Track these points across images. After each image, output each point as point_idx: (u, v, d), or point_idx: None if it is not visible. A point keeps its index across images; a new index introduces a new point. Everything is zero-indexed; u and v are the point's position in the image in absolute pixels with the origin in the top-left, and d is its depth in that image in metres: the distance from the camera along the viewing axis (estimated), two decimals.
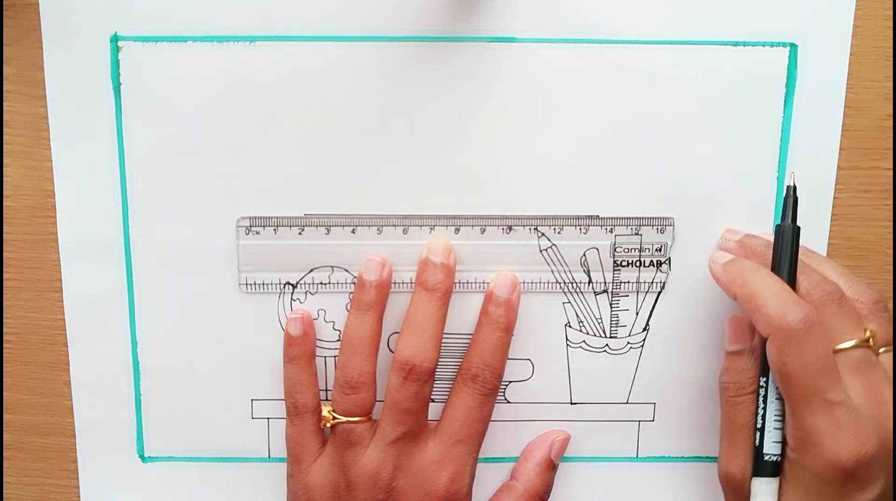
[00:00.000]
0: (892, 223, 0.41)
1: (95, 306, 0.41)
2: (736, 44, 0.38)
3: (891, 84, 0.39)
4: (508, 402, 0.42)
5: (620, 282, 0.40)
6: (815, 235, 0.40)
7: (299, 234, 0.40)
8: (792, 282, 0.35)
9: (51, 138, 0.39)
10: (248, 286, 0.40)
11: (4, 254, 0.41)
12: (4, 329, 0.41)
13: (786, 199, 0.36)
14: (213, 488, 0.42)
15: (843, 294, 0.35)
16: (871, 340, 0.34)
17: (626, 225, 0.40)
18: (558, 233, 0.40)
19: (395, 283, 0.40)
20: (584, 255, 0.40)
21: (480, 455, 0.41)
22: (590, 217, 0.40)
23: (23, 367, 0.42)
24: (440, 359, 0.38)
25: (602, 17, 0.38)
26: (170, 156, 0.39)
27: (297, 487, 0.40)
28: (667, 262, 0.40)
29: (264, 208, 0.39)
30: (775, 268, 0.36)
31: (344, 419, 0.38)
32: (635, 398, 0.42)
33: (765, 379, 0.36)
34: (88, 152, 0.39)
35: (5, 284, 0.41)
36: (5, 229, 0.40)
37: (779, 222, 0.37)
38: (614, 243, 0.40)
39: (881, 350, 0.35)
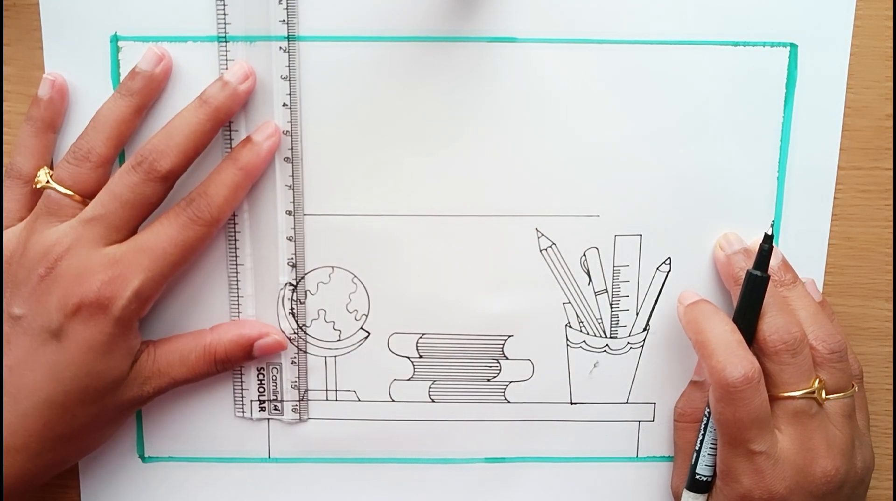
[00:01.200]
0: (892, 223, 0.41)
1: None
2: (736, 44, 0.38)
3: (891, 84, 0.39)
4: (508, 402, 0.42)
5: (620, 282, 0.40)
6: (815, 235, 0.40)
7: (298, 234, 0.40)
8: (752, 330, 0.36)
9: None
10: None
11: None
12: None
13: (761, 247, 0.36)
14: (213, 488, 0.42)
15: (801, 343, 0.36)
16: (816, 390, 0.36)
17: (626, 225, 0.40)
18: (558, 233, 0.40)
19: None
20: (585, 255, 0.40)
21: (483, 455, 0.42)
22: (590, 217, 0.40)
23: None
24: (434, 361, 0.38)
25: (602, 17, 0.38)
26: None
27: None
28: (667, 262, 0.40)
29: (263, 208, 0.39)
30: (738, 314, 0.37)
31: (56, 186, 0.37)
32: (635, 398, 0.42)
33: (708, 411, 0.38)
34: None
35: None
36: None
37: (751, 268, 0.37)
38: (615, 243, 0.40)
39: (831, 396, 0.37)
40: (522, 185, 0.39)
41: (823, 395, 0.36)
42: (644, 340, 0.41)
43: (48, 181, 0.37)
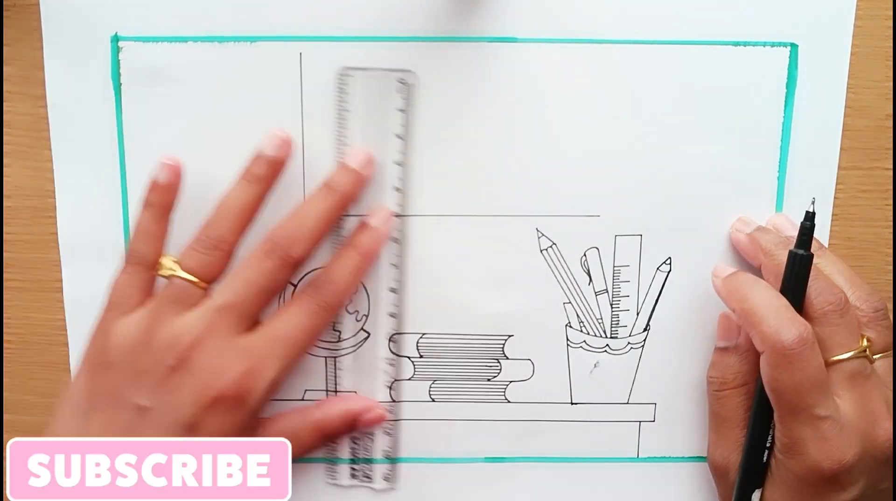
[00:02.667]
0: (892, 223, 0.41)
1: (96, 307, 0.40)
2: (737, 44, 0.38)
3: (891, 84, 0.39)
4: (509, 402, 0.42)
5: (621, 282, 0.40)
6: (815, 235, 0.40)
7: None
8: (799, 309, 0.36)
9: (51, 139, 0.39)
10: None
11: (5, 254, 0.41)
12: (5, 329, 0.41)
13: (802, 224, 0.36)
14: None
15: (846, 303, 0.36)
16: (867, 349, 0.35)
17: (626, 225, 0.40)
18: (559, 233, 0.40)
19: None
20: (585, 255, 0.40)
21: (483, 455, 0.42)
22: (590, 217, 0.40)
23: (24, 367, 0.42)
24: (434, 360, 0.38)
25: (602, 17, 0.38)
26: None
27: (99, 333, 0.37)
28: (667, 262, 0.40)
29: (263, 208, 0.39)
30: (784, 293, 0.36)
31: (183, 273, 0.36)
32: (636, 399, 0.42)
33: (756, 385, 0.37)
34: (89, 153, 0.39)
35: (6, 284, 0.41)
36: (6, 229, 0.40)
37: (794, 247, 0.36)
38: (615, 243, 0.40)
39: (876, 357, 0.36)
40: (523, 185, 0.39)
41: (872, 355, 0.36)
42: (645, 340, 0.41)
43: (174, 270, 0.37)
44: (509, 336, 0.41)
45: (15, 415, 0.42)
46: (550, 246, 0.40)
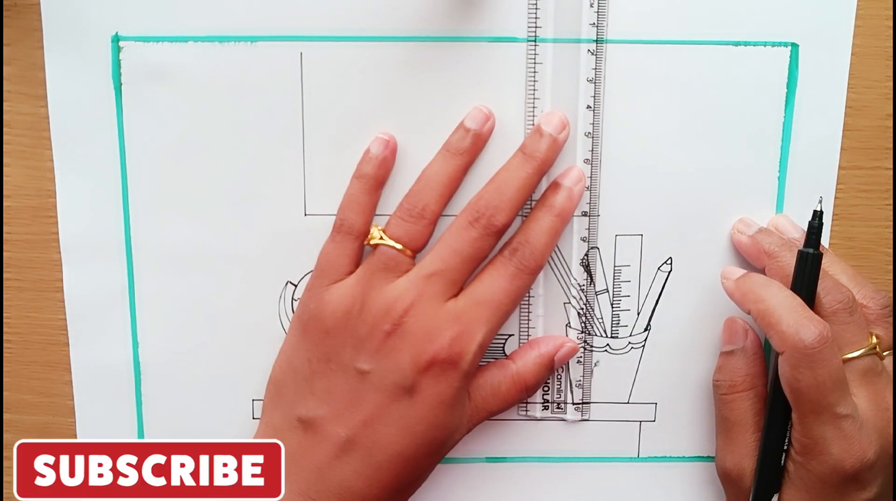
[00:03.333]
0: (892, 223, 0.41)
1: (96, 307, 0.41)
2: (737, 44, 0.38)
3: (891, 84, 0.39)
4: None
5: (622, 282, 0.40)
6: None
7: (299, 232, 0.40)
8: (811, 305, 0.36)
9: (52, 138, 0.39)
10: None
11: (6, 254, 0.41)
12: (6, 329, 0.41)
13: (810, 224, 0.36)
14: None
15: (854, 301, 0.36)
16: (876, 346, 0.36)
17: (627, 225, 0.40)
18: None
19: None
20: (586, 254, 0.40)
21: (482, 455, 0.42)
22: (591, 217, 0.40)
23: (24, 367, 0.42)
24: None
25: (603, 17, 0.38)
26: (171, 156, 0.39)
27: (311, 300, 0.38)
28: (668, 262, 0.40)
29: (265, 208, 0.39)
30: (795, 291, 0.36)
31: (390, 242, 0.37)
32: (636, 398, 0.41)
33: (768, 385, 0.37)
34: (89, 152, 0.39)
35: (7, 284, 0.41)
36: (6, 229, 0.40)
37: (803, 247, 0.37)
38: (615, 243, 0.40)
39: (885, 354, 0.36)
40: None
41: (882, 352, 0.36)
42: (645, 340, 0.41)
43: (382, 238, 0.37)
44: (510, 336, 0.41)
45: (15, 415, 0.42)
46: None
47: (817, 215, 0.36)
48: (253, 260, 0.40)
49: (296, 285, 0.40)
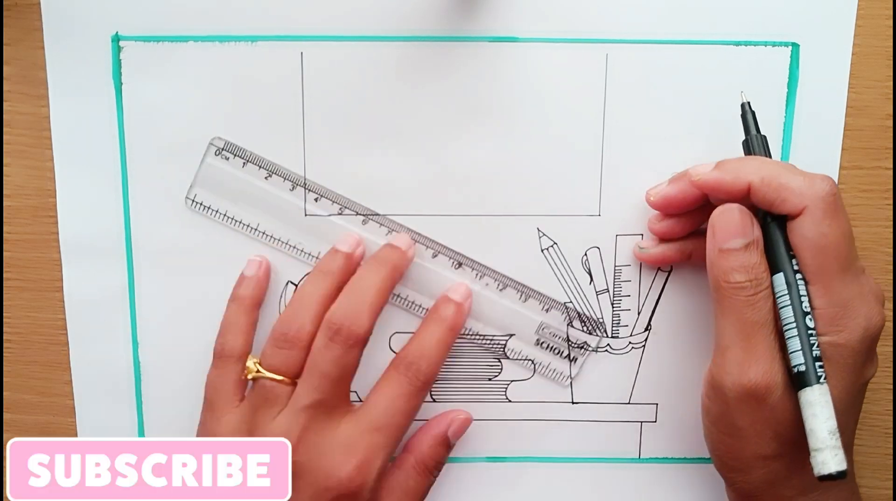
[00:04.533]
0: (892, 223, 0.40)
1: (97, 307, 0.41)
2: (738, 43, 0.38)
3: (892, 84, 0.39)
4: (510, 401, 0.42)
5: (622, 282, 0.40)
6: None
7: (300, 230, 0.40)
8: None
9: (52, 138, 0.39)
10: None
11: (6, 254, 0.41)
12: (6, 329, 0.41)
13: (744, 115, 0.36)
14: None
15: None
16: None
17: (627, 224, 0.40)
18: (560, 232, 0.40)
19: (394, 295, 0.40)
20: (586, 254, 0.40)
21: (484, 455, 0.42)
22: (591, 217, 0.40)
23: (24, 367, 0.42)
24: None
25: (603, 16, 0.38)
26: (171, 155, 0.39)
27: (203, 436, 0.38)
28: None
29: (266, 208, 0.39)
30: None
31: (268, 374, 0.37)
32: (637, 399, 0.41)
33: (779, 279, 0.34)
34: (90, 152, 0.39)
35: (7, 283, 0.41)
36: (7, 228, 0.40)
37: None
38: (616, 243, 0.40)
39: None
40: (523, 184, 0.39)
41: None
42: (646, 340, 0.41)
43: (258, 371, 0.37)
44: (511, 336, 0.41)
45: (15, 415, 0.42)
46: (551, 246, 0.40)
47: (747, 105, 0.37)
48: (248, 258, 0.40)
49: (296, 286, 0.40)
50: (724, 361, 0.34)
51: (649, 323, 0.41)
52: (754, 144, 0.36)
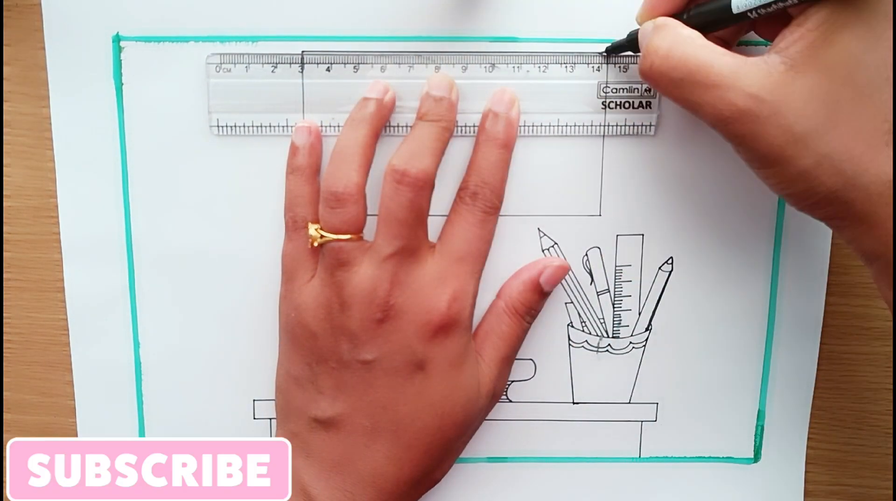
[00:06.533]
0: (892, 223, 0.40)
1: (98, 307, 0.41)
2: (738, 43, 0.38)
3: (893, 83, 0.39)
4: (511, 401, 0.42)
5: (623, 282, 0.40)
6: (818, 234, 0.40)
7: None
8: None
9: (53, 139, 0.39)
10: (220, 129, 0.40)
11: (7, 254, 0.41)
12: (7, 329, 0.41)
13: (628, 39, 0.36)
14: None
15: None
16: None
17: (628, 224, 0.40)
18: (560, 232, 0.40)
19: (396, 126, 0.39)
20: (587, 254, 0.40)
21: (484, 455, 0.42)
22: (591, 217, 0.40)
23: (25, 367, 0.42)
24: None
25: (603, 16, 0.38)
26: (172, 155, 0.39)
27: (289, 308, 0.38)
28: (669, 262, 0.40)
29: (266, 208, 0.39)
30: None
31: (332, 236, 0.36)
32: (638, 399, 0.41)
33: None
34: (91, 152, 0.39)
35: (8, 284, 0.41)
36: (8, 229, 0.40)
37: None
38: (616, 243, 0.40)
39: None
40: (524, 185, 0.39)
41: None
42: (646, 340, 0.41)
43: (322, 236, 0.36)
44: None
45: (15, 415, 0.42)
46: (552, 246, 0.40)
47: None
48: (254, 260, 0.40)
49: None
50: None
51: (650, 323, 0.41)
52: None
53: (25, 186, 0.40)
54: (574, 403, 0.42)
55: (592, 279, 0.40)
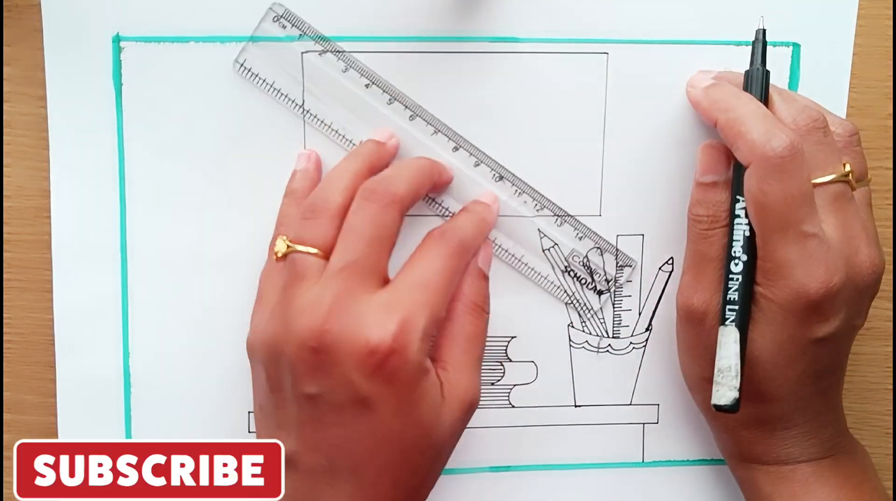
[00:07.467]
0: (892, 223, 0.41)
1: (87, 315, 0.40)
2: (738, 43, 0.38)
3: (892, 83, 0.39)
4: (513, 406, 0.41)
5: (623, 282, 0.40)
6: None
7: None
8: None
9: (49, 139, 0.39)
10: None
11: (6, 254, 0.40)
12: (7, 329, 0.41)
13: (754, 44, 0.36)
14: None
15: (825, 122, 0.34)
16: (849, 174, 0.34)
17: (628, 225, 0.40)
18: (561, 233, 0.40)
19: (430, 200, 0.39)
20: (587, 255, 0.40)
21: (486, 464, 0.41)
22: (592, 217, 0.40)
23: (25, 367, 0.41)
24: None
25: (604, 16, 0.38)
26: (170, 157, 0.39)
27: (251, 329, 0.36)
28: (669, 262, 0.40)
29: (267, 209, 0.39)
30: None
31: (297, 247, 0.34)
32: (639, 400, 0.41)
33: (738, 210, 0.35)
34: (88, 154, 0.39)
35: (8, 284, 0.41)
36: (7, 229, 0.40)
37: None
38: (617, 243, 0.40)
39: (857, 184, 0.35)
40: (524, 184, 0.39)
41: (854, 182, 0.34)
42: (647, 340, 0.41)
43: (289, 247, 0.34)
44: (512, 338, 0.41)
45: (15, 415, 0.42)
46: (552, 246, 0.40)
47: (762, 33, 0.36)
48: (251, 266, 0.39)
49: None
50: (681, 282, 0.37)
51: (650, 323, 0.41)
52: (751, 79, 0.36)
53: (25, 186, 0.40)
54: (576, 406, 0.41)
55: (592, 279, 0.40)
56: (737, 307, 0.34)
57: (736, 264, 0.34)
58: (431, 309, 0.34)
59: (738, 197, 0.34)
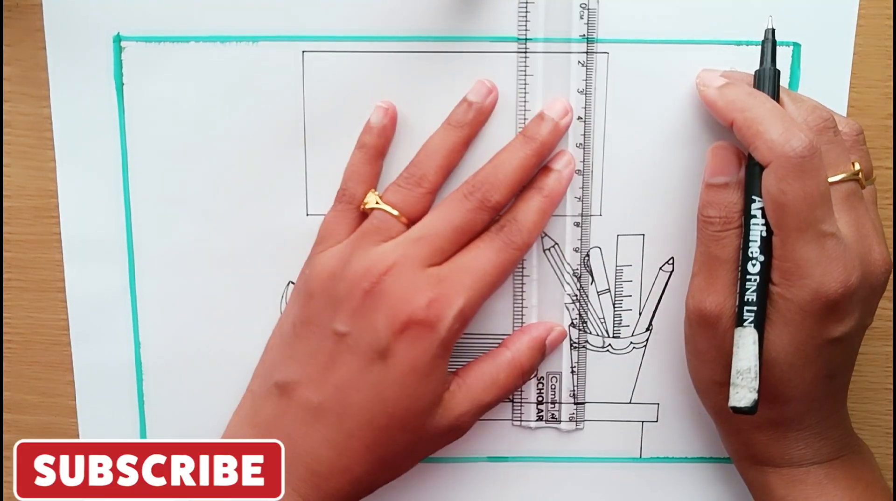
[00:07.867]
0: (892, 223, 0.40)
1: (99, 307, 0.41)
2: (738, 43, 0.38)
3: (892, 83, 0.39)
4: (512, 401, 0.41)
5: (623, 282, 0.40)
6: None
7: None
8: None
9: (54, 139, 0.39)
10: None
11: (7, 254, 0.41)
12: (7, 329, 0.41)
13: (765, 43, 0.36)
14: None
15: (836, 123, 0.35)
16: (859, 172, 0.35)
17: (628, 224, 0.40)
18: (561, 233, 0.40)
19: None
20: (587, 254, 0.40)
21: (484, 454, 0.42)
22: (592, 216, 0.40)
23: (26, 367, 0.42)
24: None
25: (603, 16, 0.38)
26: (172, 156, 0.39)
27: (305, 267, 0.39)
28: (670, 262, 0.40)
29: (266, 208, 0.39)
30: None
31: (384, 206, 0.37)
32: (638, 399, 0.41)
33: (755, 211, 0.34)
34: (91, 152, 0.39)
35: (9, 284, 0.41)
36: (8, 229, 0.40)
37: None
38: (617, 243, 0.40)
39: (865, 182, 0.35)
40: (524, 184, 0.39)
41: (863, 180, 0.35)
42: (647, 340, 0.41)
43: (377, 202, 0.37)
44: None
45: (16, 415, 0.42)
46: (553, 246, 0.40)
47: (770, 34, 0.36)
48: (255, 260, 0.40)
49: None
50: (691, 285, 0.37)
51: (650, 323, 0.41)
52: (763, 78, 0.36)
53: (25, 186, 0.40)
54: (575, 403, 0.42)
55: (593, 279, 0.40)
56: (755, 308, 0.34)
57: (753, 265, 0.34)
58: (473, 293, 0.36)
59: (753, 197, 0.34)
